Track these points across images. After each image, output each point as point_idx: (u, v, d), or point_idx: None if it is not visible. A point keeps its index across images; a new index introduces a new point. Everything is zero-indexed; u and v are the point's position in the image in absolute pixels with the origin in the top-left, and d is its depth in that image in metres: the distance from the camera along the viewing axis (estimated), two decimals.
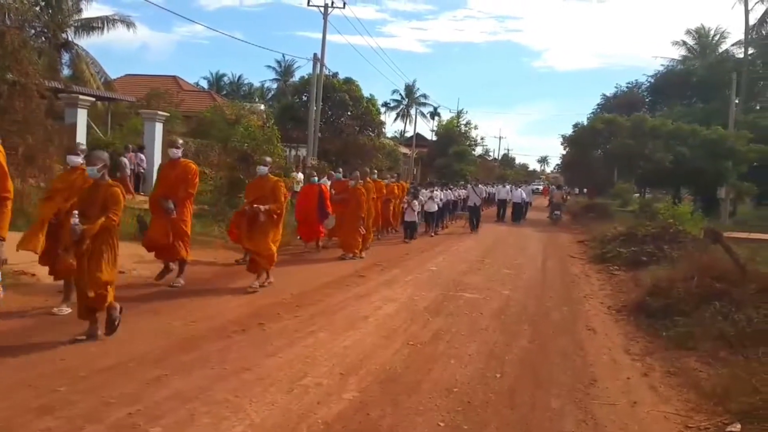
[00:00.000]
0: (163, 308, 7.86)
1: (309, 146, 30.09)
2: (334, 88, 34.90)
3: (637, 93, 57.35)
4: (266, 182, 9.92)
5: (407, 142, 64.16)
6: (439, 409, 5.09)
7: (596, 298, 10.90)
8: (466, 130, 60.31)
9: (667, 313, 8.45)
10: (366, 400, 5.18)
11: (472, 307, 9.31)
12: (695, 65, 52.75)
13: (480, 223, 24.12)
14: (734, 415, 5.20)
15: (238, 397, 5.03)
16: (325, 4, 30.49)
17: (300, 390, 5.29)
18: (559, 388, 5.89)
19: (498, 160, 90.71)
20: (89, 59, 32.95)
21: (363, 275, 11.54)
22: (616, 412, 5.34)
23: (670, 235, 15.05)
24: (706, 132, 32.75)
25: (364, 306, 8.92)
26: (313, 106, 30.25)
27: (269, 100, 63.88)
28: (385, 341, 7.09)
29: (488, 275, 12.67)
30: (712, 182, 32.29)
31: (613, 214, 29.81)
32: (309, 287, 9.94)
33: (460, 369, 6.25)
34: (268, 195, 9.69)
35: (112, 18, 33.83)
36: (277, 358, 6.14)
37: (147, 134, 23.53)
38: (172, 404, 4.75)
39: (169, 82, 39.96)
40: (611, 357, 7.13)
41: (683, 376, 6.40)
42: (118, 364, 5.64)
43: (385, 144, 41.48)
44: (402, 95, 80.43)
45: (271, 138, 21.78)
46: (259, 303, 8.60)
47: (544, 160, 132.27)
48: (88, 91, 25.35)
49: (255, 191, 9.95)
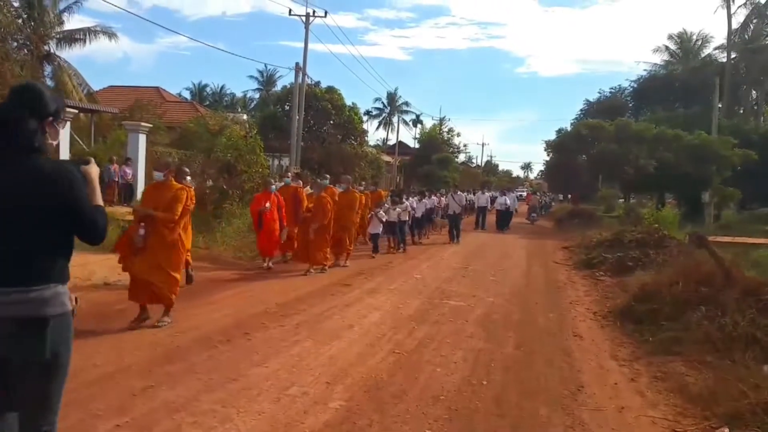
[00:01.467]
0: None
1: (292, 155, 30.03)
2: (316, 96, 34.90)
3: (620, 98, 57.92)
4: (167, 190, 7.90)
5: (390, 150, 64.27)
6: (426, 417, 5.07)
7: (582, 304, 10.92)
8: (448, 138, 60.72)
9: (654, 318, 8.47)
10: (352, 408, 5.15)
11: (457, 315, 9.30)
12: (678, 70, 53.30)
13: (461, 232, 22.48)
14: (722, 418, 5.23)
15: (225, 407, 4.99)
16: (307, 13, 30.51)
17: (287, 399, 5.26)
18: (547, 394, 5.88)
19: (481, 166, 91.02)
20: (71, 71, 32.82)
21: (347, 284, 11.50)
22: (604, 417, 5.34)
23: (655, 240, 15.16)
24: (690, 137, 33.02)
25: (349, 315, 8.89)
26: (296, 115, 30.22)
27: (252, 110, 63.78)
28: (370, 350, 7.06)
29: (473, 282, 12.66)
30: (696, 187, 32.50)
31: (598, 219, 29.98)
32: (293, 296, 9.90)
33: (447, 377, 6.23)
34: (165, 207, 7.69)
35: (94, 29, 33.76)
36: (263, 368, 6.10)
37: (131, 146, 23.46)
38: (160, 415, 4.70)
39: (152, 93, 39.82)
40: (598, 363, 7.13)
41: (670, 381, 6.41)
42: (105, 376, 5.59)
43: (368, 152, 41.50)
44: (384, 103, 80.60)
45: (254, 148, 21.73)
46: (244, 313, 8.54)
47: (527, 167, 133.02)
48: (70, 103, 25.19)
49: (150, 201, 7.99)
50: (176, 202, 7.73)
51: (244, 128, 27.30)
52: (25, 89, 2.95)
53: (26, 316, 2.76)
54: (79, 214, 2.89)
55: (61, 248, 2.92)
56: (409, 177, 57.00)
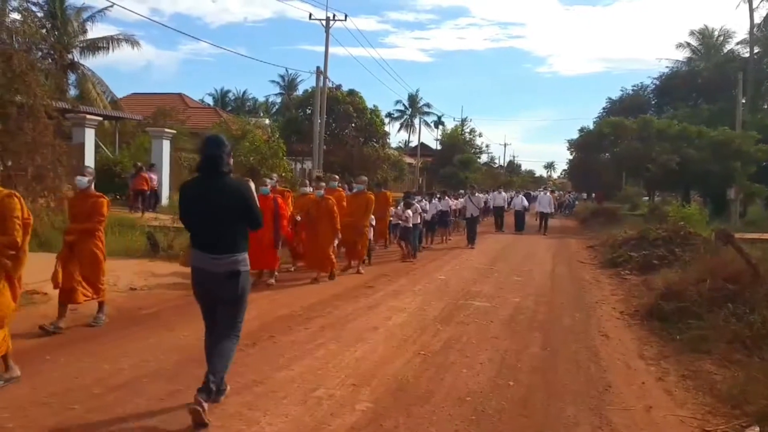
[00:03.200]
0: (175, 323, 7.84)
1: (314, 159, 30.17)
2: (337, 100, 35.04)
3: (642, 96, 57.30)
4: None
5: (412, 151, 64.34)
6: (453, 419, 5.07)
7: (608, 303, 10.84)
8: (470, 138, 60.61)
9: (681, 316, 8.39)
10: (379, 410, 5.17)
11: (482, 316, 9.28)
12: (700, 66, 52.65)
13: (476, 236, 20.77)
14: (752, 417, 5.17)
15: (251, 410, 5.03)
16: (327, 17, 30.68)
17: (313, 402, 5.28)
18: (574, 394, 5.85)
19: (504, 167, 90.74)
20: (95, 79, 33.27)
21: (371, 286, 11.52)
22: (632, 417, 5.31)
23: (680, 238, 15.00)
24: (713, 133, 32.64)
25: (374, 317, 8.90)
26: (317, 118, 30.34)
27: (274, 115, 64.16)
28: (395, 351, 7.07)
29: (497, 283, 12.63)
30: (721, 183, 32.12)
31: (622, 218, 29.74)
32: (317, 299, 9.91)
33: (472, 378, 6.22)
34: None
35: (117, 38, 34.22)
36: (289, 371, 6.13)
37: (155, 152, 23.72)
38: (187, 420, 4.72)
39: (175, 100, 40.27)
40: (625, 362, 7.08)
41: (698, 380, 6.35)
42: (132, 381, 5.65)
43: (390, 154, 41.58)
44: (405, 105, 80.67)
45: (276, 152, 21.89)
46: (269, 316, 8.59)
47: (550, 166, 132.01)
48: (94, 110, 25.56)
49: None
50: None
51: (267, 132, 27.53)
52: (218, 138, 5.13)
53: (230, 271, 4.99)
54: (251, 211, 5.04)
55: (243, 232, 5.11)
56: (431, 178, 57.01)
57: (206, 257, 5.00)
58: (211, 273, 5.00)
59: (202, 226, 5.07)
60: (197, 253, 5.08)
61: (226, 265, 4.97)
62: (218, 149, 4.97)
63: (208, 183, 4.97)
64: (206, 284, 5.08)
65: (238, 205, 4.94)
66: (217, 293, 5.06)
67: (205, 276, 5.04)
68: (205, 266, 5.02)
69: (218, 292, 5.05)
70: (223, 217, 4.93)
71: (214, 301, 5.11)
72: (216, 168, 4.94)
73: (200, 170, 5.04)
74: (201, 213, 5.00)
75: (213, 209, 4.93)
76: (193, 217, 5.10)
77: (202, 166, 5.02)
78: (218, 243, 4.98)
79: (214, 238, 4.99)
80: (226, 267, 4.97)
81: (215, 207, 4.92)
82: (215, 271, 4.98)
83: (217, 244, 4.98)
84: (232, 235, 5.00)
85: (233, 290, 5.03)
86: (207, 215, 4.97)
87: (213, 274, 4.99)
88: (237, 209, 4.94)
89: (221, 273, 4.96)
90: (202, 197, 4.98)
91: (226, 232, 4.97)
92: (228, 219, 4.95)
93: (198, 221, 5.08)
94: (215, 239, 4.99)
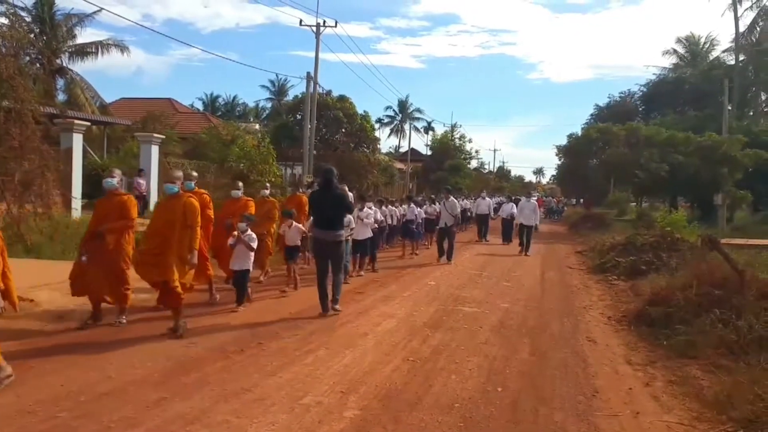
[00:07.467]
0: (163, 330, 7.80)
1: (304, 164, 30.14)
2: (328, 105, 35.05)
3: (630, 102, 57.71)
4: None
5: (402, 157, 64.40)
6: (441, 425, 5.06)
7: (596, 308, 10.88)
8: (460, 144, 60.78)
9: (668, 322, 8.44)
10: (367, 417, 5.15)
11: (471, 321, 9.30)
12: (687, 73, 53.08)
13: (453, 248, 17.36)
14: (738, 423, 5.20)
15: (239, 417, 5.01)
16: (317, 23, 30.74)
17: (301, 409, 5.27)
18: (562, 400, 5.87)
19: (494, 172, 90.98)
20: (84, 84, 33.18)
21: (361, 292, 11.51)
22: (619, 423, 5.33)
23: (668, 244, 15.09)
24: (700, 139, 32.87)
25: (363, 323, 8.91)
26: (308, 124, 30.34)
27: (264, 120, 64.14)
28: (384, 358, 7.06)
29: (487, 288, 12.65)
30: (708, 189, 32.34)
31: (610, 223, 29.86)
32: (306, 305, 9.85)
33: (461, 384, 6.22)
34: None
35: (106, 43, 34.18)
36: (277, 378, 6.12)
37: (143, 157, 23.59)
38: (174, 427, 4.72)
39: (165, 105, 40.11)
40: (613, 368, 7.11)
41: (685, 385, 6.38)
42: (119, 388, 5.61)
43: (380, 160, 41.62)
44: (396, 111, 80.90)
45: (266, 157, 21.82)
46: (257, 322, 8.56)
47: (539, 172, 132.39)
48: (83, 115, 25.44)
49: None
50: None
51: (257, 138, 27.47)
52: (330, 168, 9.67)
53: (337, 239, 9.47)
54: (348, 207, 9.87)
55: (343, 218, 9.64)
56: (421, 183, 57.12)
57: (323, 232, 9.33)
58: (325, 240, 9.34)
59: (322, 215, 9.39)
60: (317, 230, 9.42)
61: (335, 236, 9.36)
62: (331, 174, 9.42)
63: (326, 192, 9.42)
64: (323, 246, 9.42)
65: (341, 204, 9.47)
66: (328, 251, 9.39)
67: (322, 242, 9.38)
68: (323, 237, 9.33)
69: (329, 250, 9.39)
70: (333, 210, 9.35)
71: (327, 255, 9.40)
72: (330, 184, 9.40)
73: (321, 185, 9.74)
74: (322, 207, 9.39)
75: (328, 205, 9.31)
76: (317, 210, 9.53)
77: (322, 183, 9.69)
78: (329, 224, 9.32)
79: (328, 222, 9.31)
80: (335, 237, 9.36)
81: (329, 204, 9.33)
82: (328, 240, 9.31)
83: (329, 224, 9.32)
84: (339, 219, 9.42)
85: (337, 249, 9.51)
86: (325, 209, 9.34)
87: (326, 241, 9.33)
88: (340, 205, 9.43)
89: (330, 240, 9.33)
90: (323, 198, 9.42)
91: (334, 217, 9.35)
92: (336, 211, 9.38)
93: (320, 212, 9.44)
94: (328, 222, 9.31)
